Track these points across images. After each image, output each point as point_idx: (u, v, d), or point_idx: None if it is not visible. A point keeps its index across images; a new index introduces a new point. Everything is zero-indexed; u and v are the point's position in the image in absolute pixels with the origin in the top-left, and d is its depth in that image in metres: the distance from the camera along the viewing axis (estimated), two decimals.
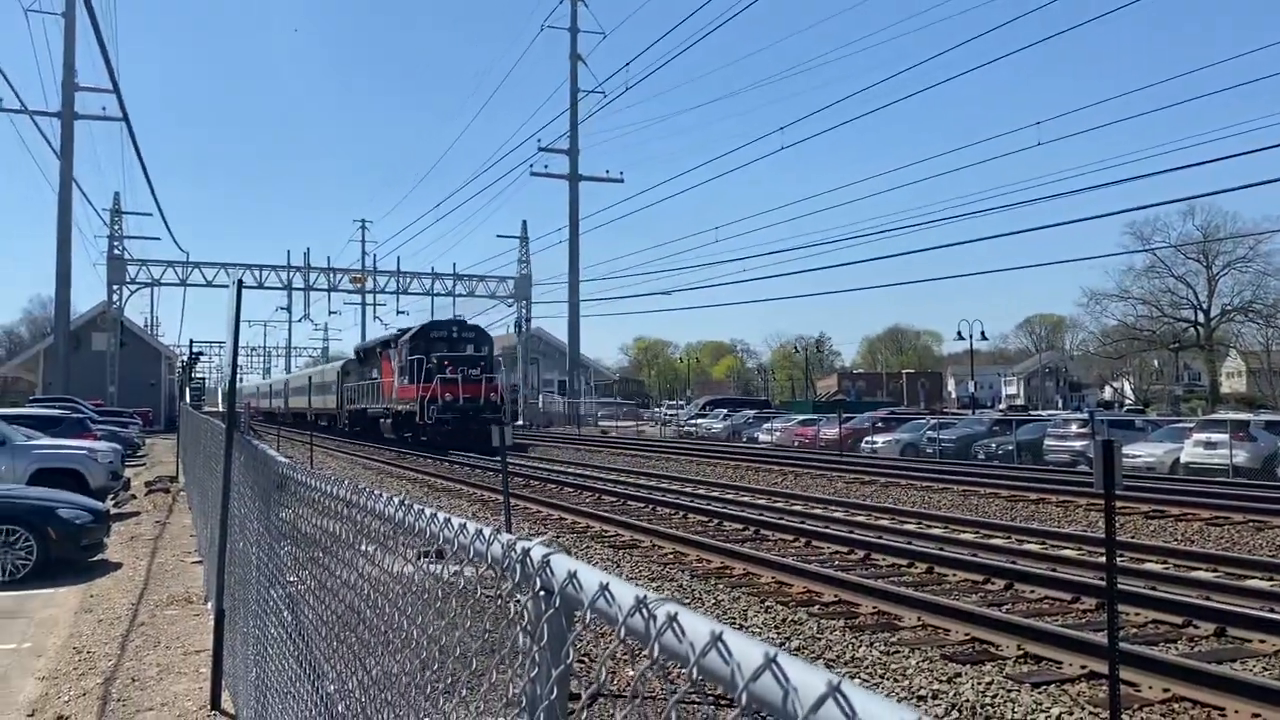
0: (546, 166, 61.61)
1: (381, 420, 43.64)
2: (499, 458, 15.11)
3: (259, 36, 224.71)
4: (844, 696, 0.88)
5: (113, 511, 16.01)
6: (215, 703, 6.63)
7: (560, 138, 61.53)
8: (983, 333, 59.73)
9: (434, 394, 37.14)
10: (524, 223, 68.24)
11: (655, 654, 1.20)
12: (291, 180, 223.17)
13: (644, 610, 1.24)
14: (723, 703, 5.61)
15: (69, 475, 17.16)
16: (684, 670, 1.14)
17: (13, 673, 7.75)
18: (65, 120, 48.81)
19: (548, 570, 1.54)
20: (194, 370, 51.75)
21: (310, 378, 62.70)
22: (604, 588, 1.36)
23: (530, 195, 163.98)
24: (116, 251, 57.38)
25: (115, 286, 56.87)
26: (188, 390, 42.20)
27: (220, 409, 20.65)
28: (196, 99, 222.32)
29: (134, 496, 20.67)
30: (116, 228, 57.78)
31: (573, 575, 1.46)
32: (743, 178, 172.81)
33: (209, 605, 8.34)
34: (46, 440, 19.15)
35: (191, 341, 54.60)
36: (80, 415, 27.46)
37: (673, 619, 1.18)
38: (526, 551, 1.62)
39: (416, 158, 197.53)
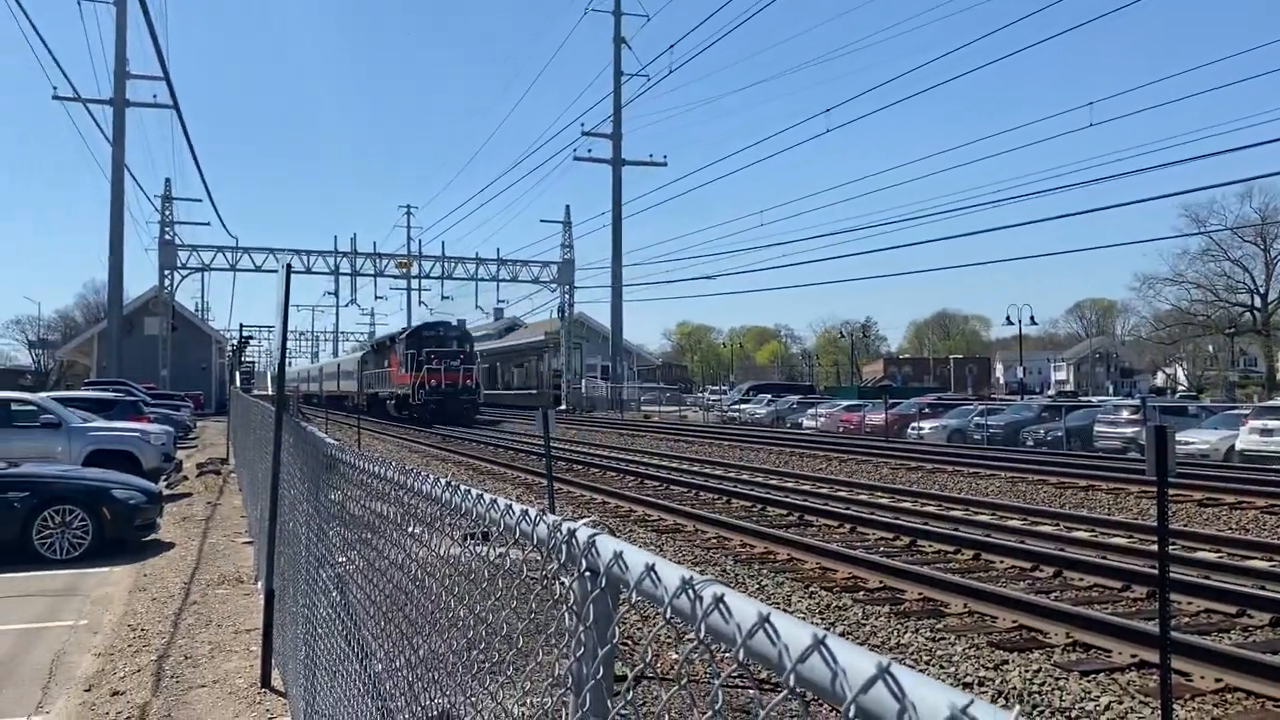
0: (590, 151, 61.61)
1: (387, 401, 52.89)
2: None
3: (301, 25, 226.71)
4: (894, 678, 0.86)
5: (165, 492, 16.34)
6: (265, 680, 6.75)
7: (603, 121, 61.44)
8: (1032, 317, 59.06)
9: (422, 380, 46.73)
10: (567, 207, 68.90)
11: (701, 635, 1.19)
12: (337, 168, 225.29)
13: (690, 591, 1.23)
14: (766, 687, 5.61)
15: (123, 457, 17.54)
16: (729, 653, 1.13)
17: (70, 649, 7.95)
18: (117, 108, 49.50)
19: (593, 551, 1.54)
20: (244, 354, 52.74)
21: (339, 365, 73.17)
22: (650, 568, 1.35)
23: (574, 179, 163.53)
24: (167, 237, 58.13)
25: (166, 271, 57.59)
26: (238, 374, 43.17)
27: (269, 392, 20.95)
28: (241, 86, 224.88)
29: (185, 478, 21.06)
30: (167, 213, 58.53)
31: (619, 556, 1.46)
32: (788, 161, 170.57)
33: (259, 585, 8.47)
34: (101, 422, 19.57)
35: (241, 326, 55.47)
36: (133, 398, 27.99)
37: (719, 600, 1.17)
38: (572, 532, 1.62)
39: (461, 144, 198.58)
